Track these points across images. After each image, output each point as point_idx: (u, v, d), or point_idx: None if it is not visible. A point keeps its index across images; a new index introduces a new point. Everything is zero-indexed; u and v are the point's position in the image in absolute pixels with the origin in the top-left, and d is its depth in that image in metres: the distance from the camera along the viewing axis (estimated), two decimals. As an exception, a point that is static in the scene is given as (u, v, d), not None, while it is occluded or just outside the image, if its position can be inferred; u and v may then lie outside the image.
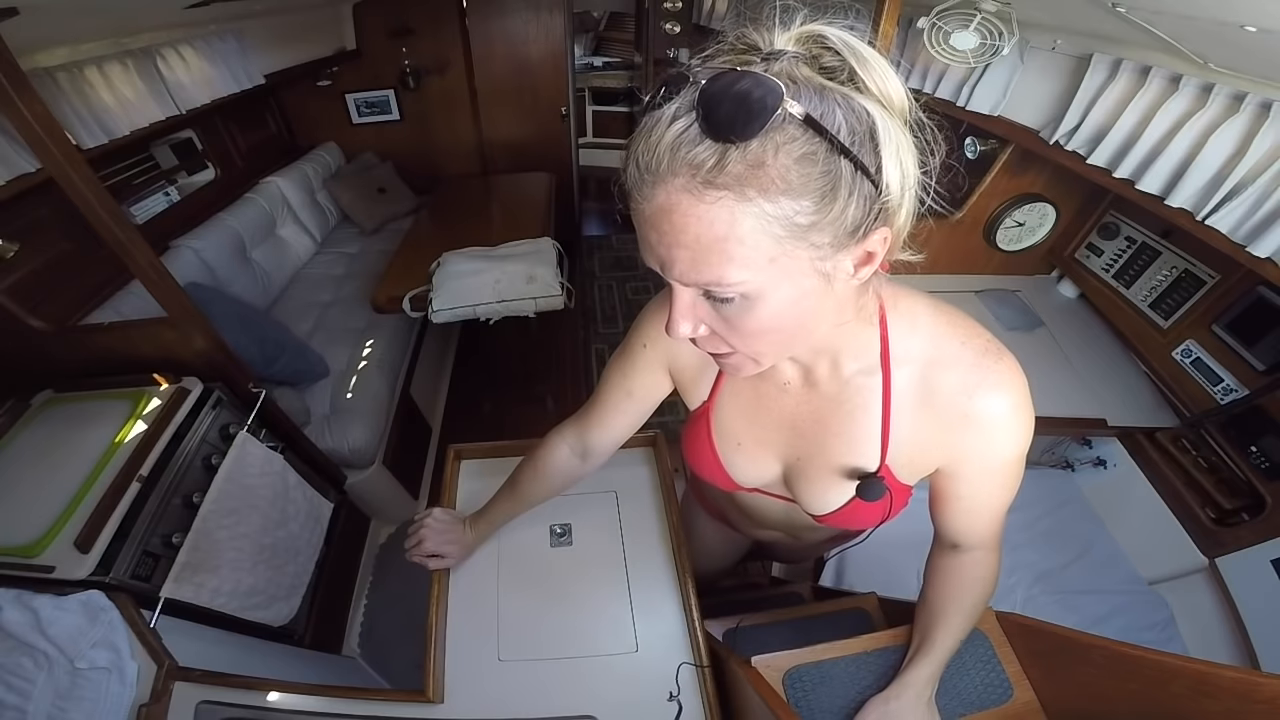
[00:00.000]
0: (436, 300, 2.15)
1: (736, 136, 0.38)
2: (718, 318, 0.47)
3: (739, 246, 0.41)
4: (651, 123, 0.41)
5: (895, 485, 0.65)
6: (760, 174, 0.38)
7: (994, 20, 1.45)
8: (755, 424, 0.71)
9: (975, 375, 0.56)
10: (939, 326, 0.58)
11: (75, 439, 1.27)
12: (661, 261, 0.44)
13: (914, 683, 0.75)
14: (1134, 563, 1.47)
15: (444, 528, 0.97)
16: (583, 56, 5.27)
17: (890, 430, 0.61)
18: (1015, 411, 0.57)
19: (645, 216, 0.43)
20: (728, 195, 0.39)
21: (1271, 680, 0.58)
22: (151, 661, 0.96)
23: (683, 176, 0.39)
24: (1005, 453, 0.60)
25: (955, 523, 0.69)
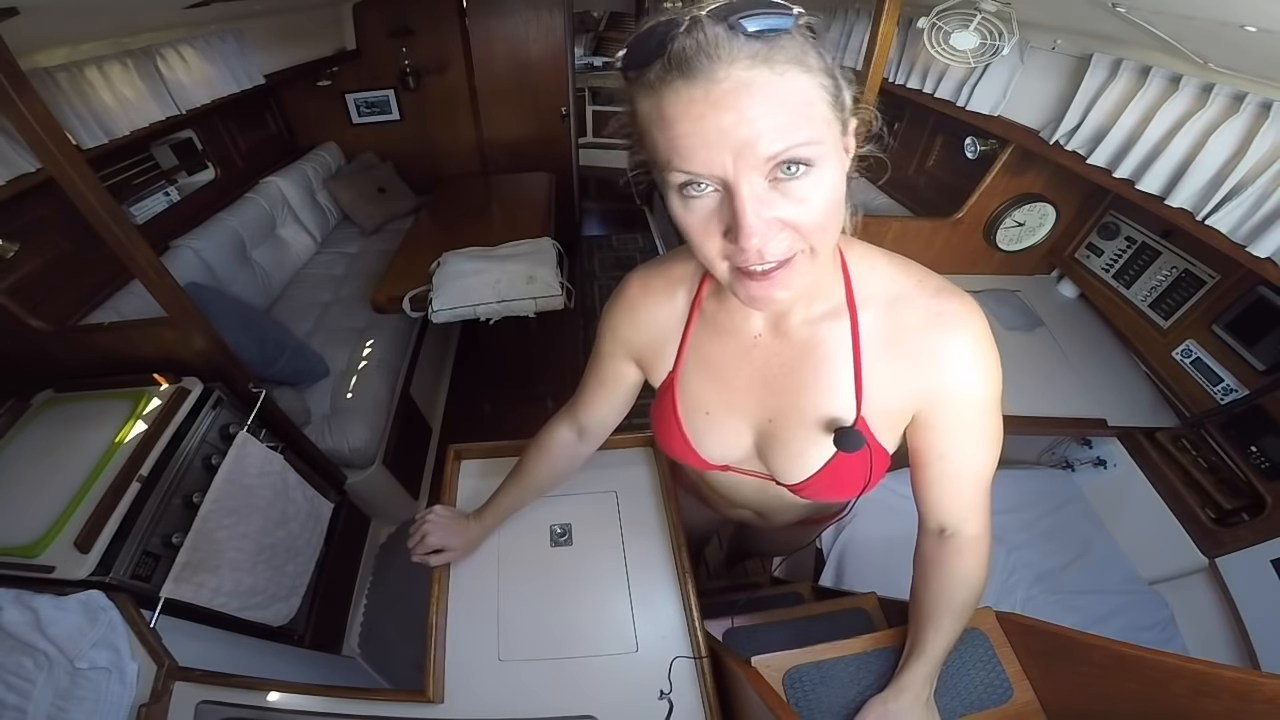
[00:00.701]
0: (436, 300, 2.15)
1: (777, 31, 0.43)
2: (786, 202, 0.46)
3: (811, 109, 0.45)
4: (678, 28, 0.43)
5: (874, 444, 0.65)
6: (804, 53, 0.44)
7: (994, 20, 1.45)
8: (724, 386, 0.71)
9: (935, 306, 0.59)
10: (895, 268, 0.62)
11: (75, 439, 1.27)
12: (740, 143, 0.43)
13: (910, 684, 0.74)
14: (1134, 563, 1.47)
15: (446, 523, 0.97)
16: (583, 56, 5.27)
17: (863, 375, 0.62)
18: (979, 342, 0.59)
19: (712, 101, 0.42)
20: (793, 66, 0.44)
21: (1271, 680, 0.58)
22: (151, 661, 0.96)
23: (745, 57, 0.42)
24: (976, 392, 0.61)
25: (937, 492, 0.68)
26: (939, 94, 1.84)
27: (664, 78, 0.44)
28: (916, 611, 0.76)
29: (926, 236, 1.91)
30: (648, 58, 0.45)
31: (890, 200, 2.46)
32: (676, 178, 0.47)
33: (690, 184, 0.47)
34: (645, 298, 0.73)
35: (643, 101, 0.47)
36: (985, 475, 0.67)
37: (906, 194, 2.44)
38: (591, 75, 5.14)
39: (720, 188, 0.46)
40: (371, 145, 3.49)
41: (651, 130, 0.47)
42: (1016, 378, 1.54)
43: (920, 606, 0.76)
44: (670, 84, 0.44)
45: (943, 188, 2.23)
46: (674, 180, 0.47)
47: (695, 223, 0.49)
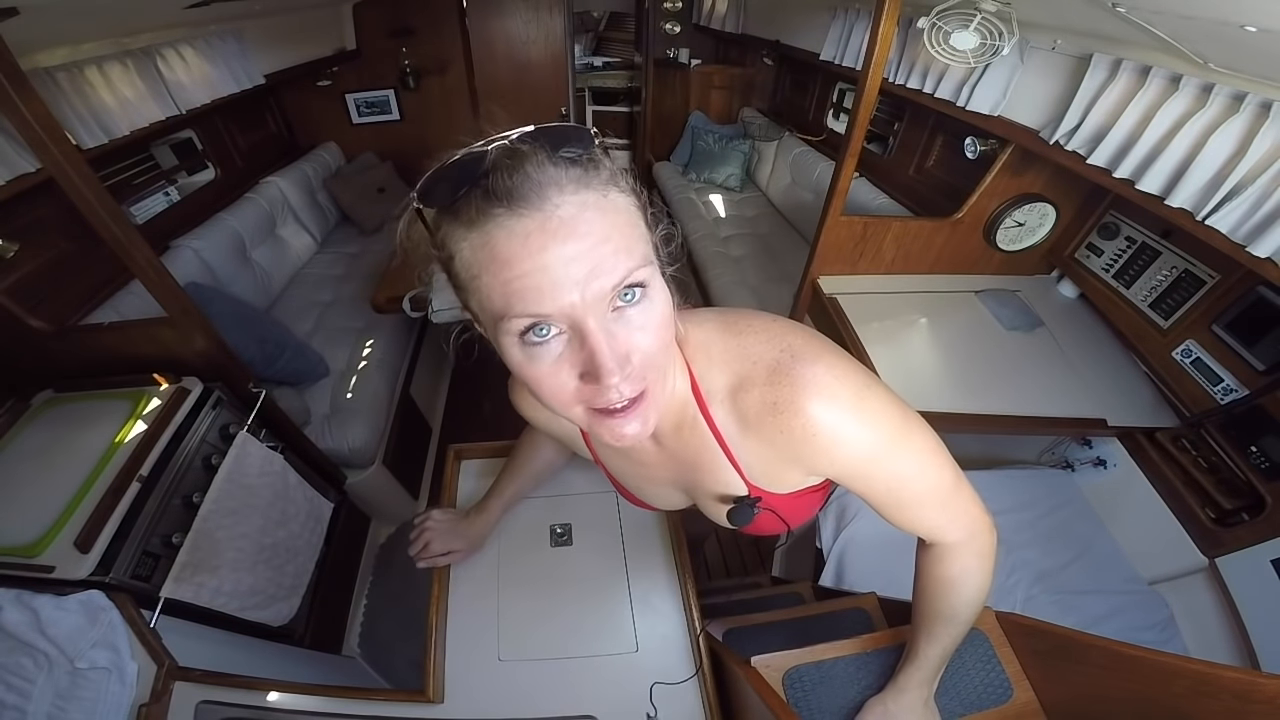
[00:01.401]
0: (437, 300, 2.15)
1: (584, 151, 0.43)
2: (628, 331, 0.45)
3: (635, 229, 0.45)
4: (531, 158, 0.41)
5: (776, 499, 0.66)
6: (616, 174, 0.45)
7: (994, 20, 1.45)
8: (639, 474, 0.75)
9: (772, 392, 0.55)
10: (729, 349, 0.58)
11: (75, 439, 1.27)
12: (586, 275, 0.41)
13: (907, 686, 0.75)
14: (1134, 563, 1.47)
15: (446, 525, 0.98)
16: (583, 56, 5.27)
17: (736, 459, 0.62)
18: (830, 413, 0.54)
19: (550, 230, 0.40)
20: (613, 188, 0.44)
21: (1271, 680, 0.58)
22: (151, 661, 0.96)
23: (570, 182, 0.42)
24: (855, 454, 0.56)
25: (896, 519, 0.66)
26: (939, 94, 1.84)
27: (487, 211, 0.40)
28: (914, 616, 0.77)
29: (926, 236, 1.91)
30: (459, 192, 0.42)
31: (890, 200, 2.46)
32: (517, 324, 0.42)
33: (533, 328, 0.43)
34: (534, 412, 0.77)
35: (463, 243, 0.43)
36: (936, 488, 0.62)
37: (906, 194, 2.44)
38: (591, 75, 5.14)
39: (566, 329, 0.43)
40: (371, 145, 3.49)
41: (481, 275, 0.42)
42: (1016, 378, 1.57)
43: (915, 610, 0.76)
44: (497, 219, 0.40)
45: (943, 188, 2.23)
46: (514, 328, 0.43)
47: (544, 372, 0.45)
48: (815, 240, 1.86)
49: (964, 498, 0.65)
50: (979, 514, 0.66)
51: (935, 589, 0.70)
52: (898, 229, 1.88)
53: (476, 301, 0.45)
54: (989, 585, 0.70)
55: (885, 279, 1.95)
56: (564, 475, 1.13)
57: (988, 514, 0.68)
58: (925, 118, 2.31)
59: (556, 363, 0.45)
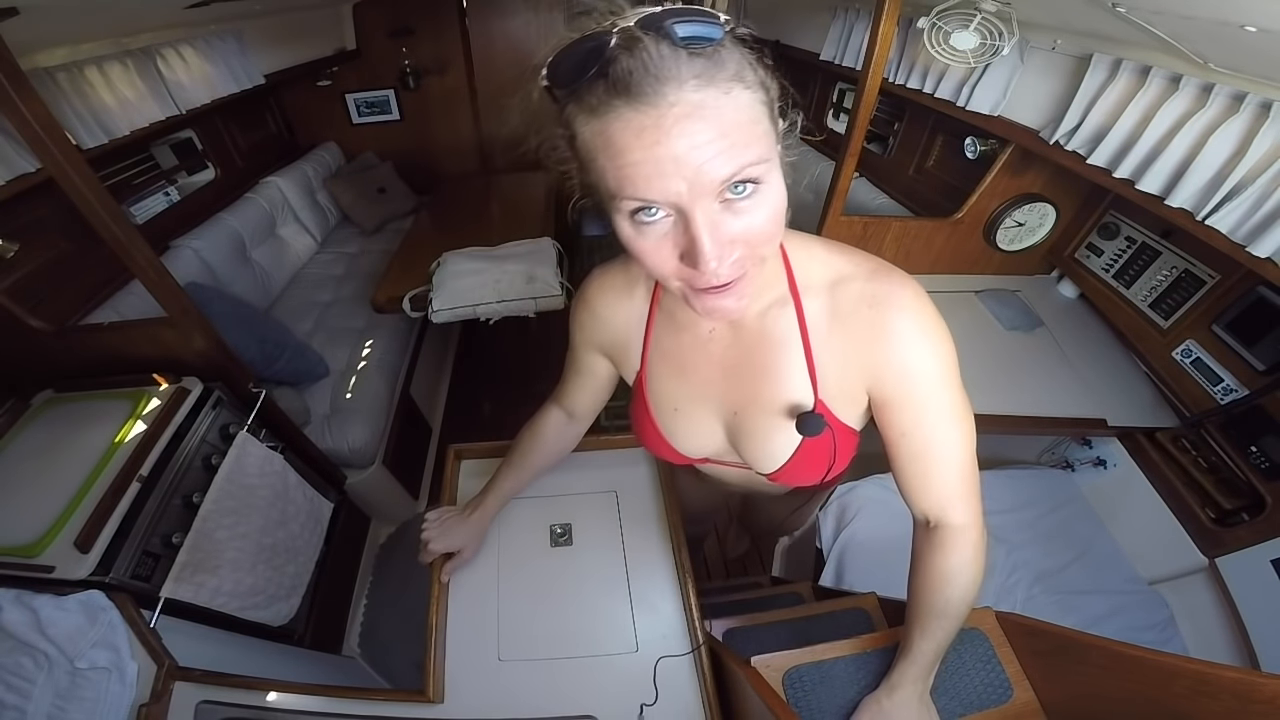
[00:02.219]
0: (436, 300, 2.15)
1: (711, 42, 0.42)
2: (736, 221, 0.47)
3: (756, 125, 0.45)
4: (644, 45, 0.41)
5: (835, 423, 0.67)
6: (742, 67, 0.45)
7: (994, 20, 1.45)
8: (687, 382, 0.74)
9: (870, 286, 0.61)
10: (832, 252, 0.64)
11: (75, 439, 1.27)
12: (695, 169, 0.42)
13: (901, 683, 0.74)
14: (1134, 563, 1.47)
15: (444, 525, 0.98)
16: (583, 56, 5.27)
17: (814, 358, 0.65)
18: (917, 318, 0.60)
19: (664, 127, 0.41)
20: (737, 83, 0.44)
21: (1271, 680, 0.58)
22: (151, 661, 0.96)
23: (691, 78, 0.41)
24: (921, 366, 0.61)
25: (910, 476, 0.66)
26: (939, 94, 1.84)
27: (608, 102, 0.42)
28: (908, 612, 0.76)
29: (926, 236, 1.91)
30: (583, 77, 0.43)
31: (890, 200, 2.46)
32: (628, 204, 0.46)
33: (642, 210, 0.46)
34: (603, 297, 0.76)
35: (583, 127, 0.45)
36: (958, 457, 0.65)
37: (906, 194, 2.44)
38: (591, 75, 5.13)
39: (673, 212, 0.46)
40: (371, 145, 3.49)
41: (597, 158, 0.45)
42: (1016, 378, 1.57)
43: (909, 605, 0.75)
44: (615, 109, 0.42)
45: (943, 188, 2.23)
46: (625, 207, 0.46)
47: (649, 247, 0.49)
48: (815, 240, 1.86)
49: (975, 478, 0.67)
50: (979, 507, 0.68)
51: (932, 582, 0.70)
52: (898, 229, 1.88)
53: (594, 177, 0.48)
54: (980, 582, 0.71)
55: (885, 279, 1.95)
56: (564, 475, 1.13)
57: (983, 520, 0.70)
58: (925, 118, 2.31)
59: (661, 240, 0.48)
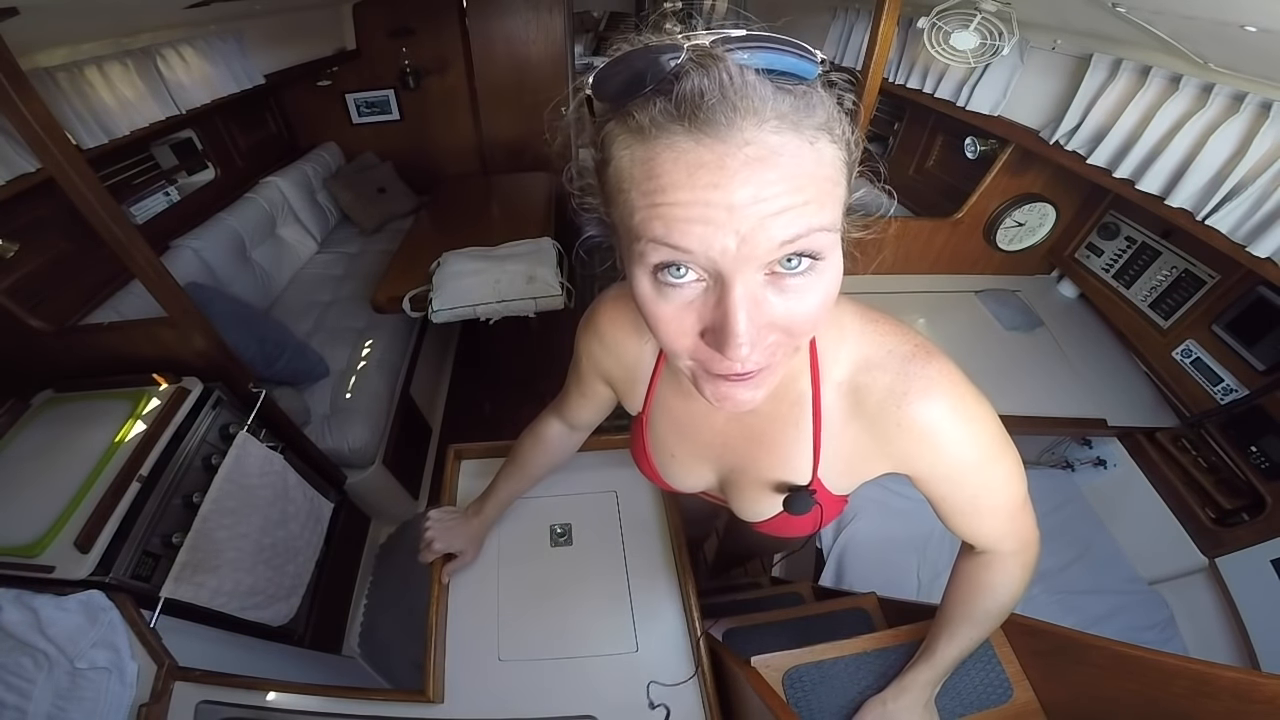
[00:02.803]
0: (436, 300, 2.15)
1: (802, 81, 0.35)
2: (782, 301, 0.39)
3: (835, 188, 0.37)
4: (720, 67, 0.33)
5: (827, 497, 0.64)
6: (832, 118, 0.37)
7: (994, 20, 1.45)
8: (687, 439, 0.70)
9: (903, 381, 0.53)
10: (865, 334, 0.56)
11: (75, 439, 1.27)
12: (752, 226, 0.34)
13: (911, 686, 0.74)
14: (1134, 563, 1.47)
15: (447, 526, 0.98)
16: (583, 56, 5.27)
17: (821, 444, 0.59)
18: (953, 415, 0.53)
19: (730, 169, 0.33)
20: (824, 134, 0.36)
21: (1271, 680, 0.58)
22: (151, 661, 0.96)
23: (775, 117, 0.34)
24: (961, 458, 0.55)
25: (954, 524, 0.64)
26: (939, 94, 1.84)
27: (663, 125, 0.34)
28: (938, 616, 0.75)
29: (926, 236, 1.91)
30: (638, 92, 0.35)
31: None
32: (655, 254, 0.37)
33: (670, 266, 0.37)
34: (614, 331, 0.69)
35: (622, 150, 0.37)
36: (1006, 506, 0.61)
37: (906, 194, 2.44)
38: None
39: (707, 277, 0.38)
40: (371, 145, 3.49)
41: (628, 189, 0.37)
42: (1016, 378, 1.57)
43: (942, 612, 0.74)
44: (670, 135, 0.34)
45: (943, 188, 2.23)
46: (649, 256, 0.37)
47: (668, 314, 0.40)
48: (815, 240, 1.86)
49: (1027, 508, 0.64)
50: (1034, 529, 0.66)
51: (972, 591, 0.70)
52: (898, 229, 1.88)
53: (618, 214, 0.39)
54: (1021, 598, 0.70)
55: (885, 279, 1.95)
56: (564, 475, 1.13)
57: (1038, 529, 0.67)
58: (925, 118, 2.31)
59: (684, 308, 0.39)
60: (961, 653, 0.72)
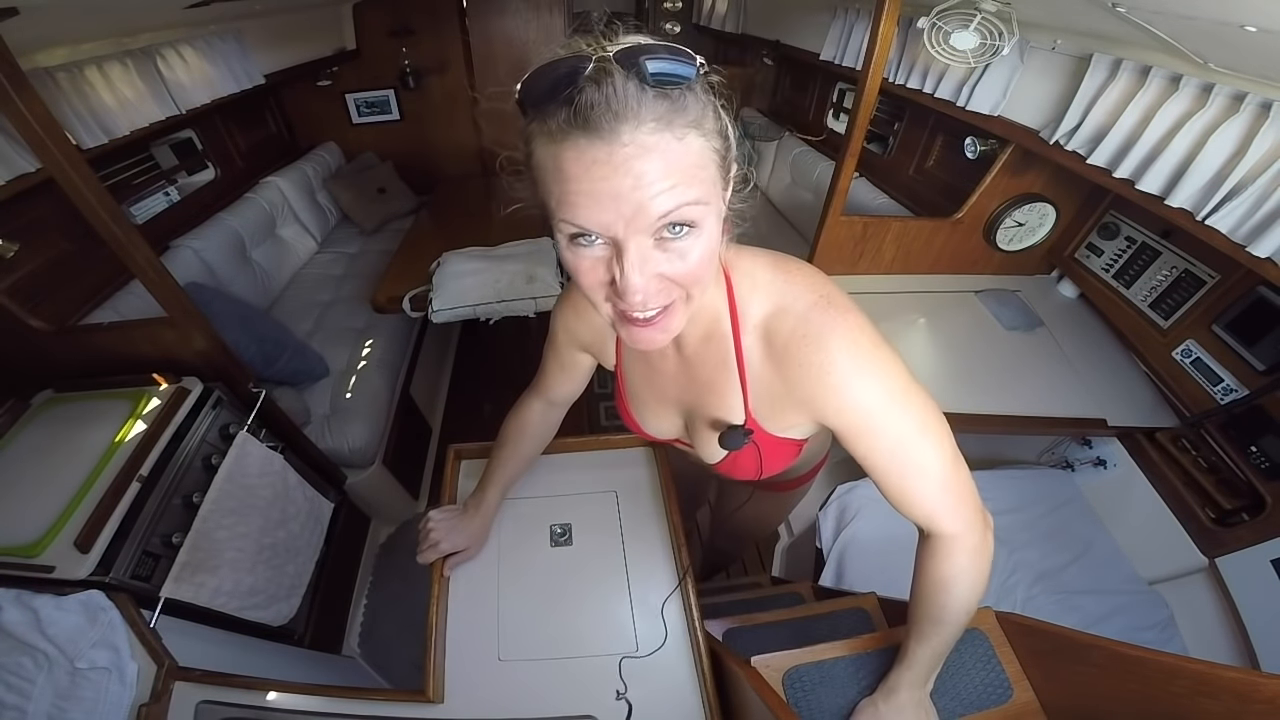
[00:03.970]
0: (436, 300, 2.15)
1: (681, 82, 0.44)
2: (667, 259, 0.49)
3: (702, 171, 0.47)
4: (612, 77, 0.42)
5: (765, 438, 0.72)
6: (704, 114, 0.46)
7: (994, 20, 1.45)
8: (652, 385, 0.81)
9: (803, 324, 0.60)
10: (776, 283, 0.63)
11: (75, 439, 1.27)
12: (635, 207, 0.44)
13: (898, 686, 0.74)
14: (1134, 563, 1.47)
15: (450, 524, 0.98)
16: (583, 56, 5.26)
17: (749, 385, 0.68)
18: (850, 357, 0.58)
19: (614, 164, 0.43)
20: (694, 129, 0.45)
21: (1271, 680, 0.58)
22: (151, 661, 0.96)
23: (651, 119, 0.43)
24: (863, 403, 0.59)
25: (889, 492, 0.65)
26: (939, 94, 1.84)
27: (566, 131, 0.43)
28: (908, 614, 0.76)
29: (926, 236, 1.91)
30: (550, 101, 0.44)
31: (890, 200, 2.46)
32: (566, 229, 0.48)
33: (580, 236, 0.48)
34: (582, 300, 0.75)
35: (540, 148, 0.47)
36: (934, 470, 0.62)
37: (906, 194, 2.44)
38: (591, 75, 5.13)
39: (609, 243, 0.48)
40: (371, 145, 3.49)
41: (546, 178, 0.47)
42: (1016, 378, 1.57)
43: (909, 610, 0.75)
44: (572, 139, 0.43)
45: (943, 188, 2.23)
46: (565, 230, 0.48)
47: (583, 267, 0.51)
48: (815, 240, 1.86)
49: (963, 484, 0.65)
50: (976, 508, 0.66)
51: (928, 588, 0.70)
52: (898, 229, 1.89)
53: (541, 194, 0.50)
54: (982, 589, 0.69)
55: (885, 279, 1.95)
56: (564, 475, 1.13)
57: (986, 513, 0.67)
58: (925, 118, 2.31)
59: (595, 263, 0.50)
60: (935, 651, 0.72)
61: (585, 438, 1.18)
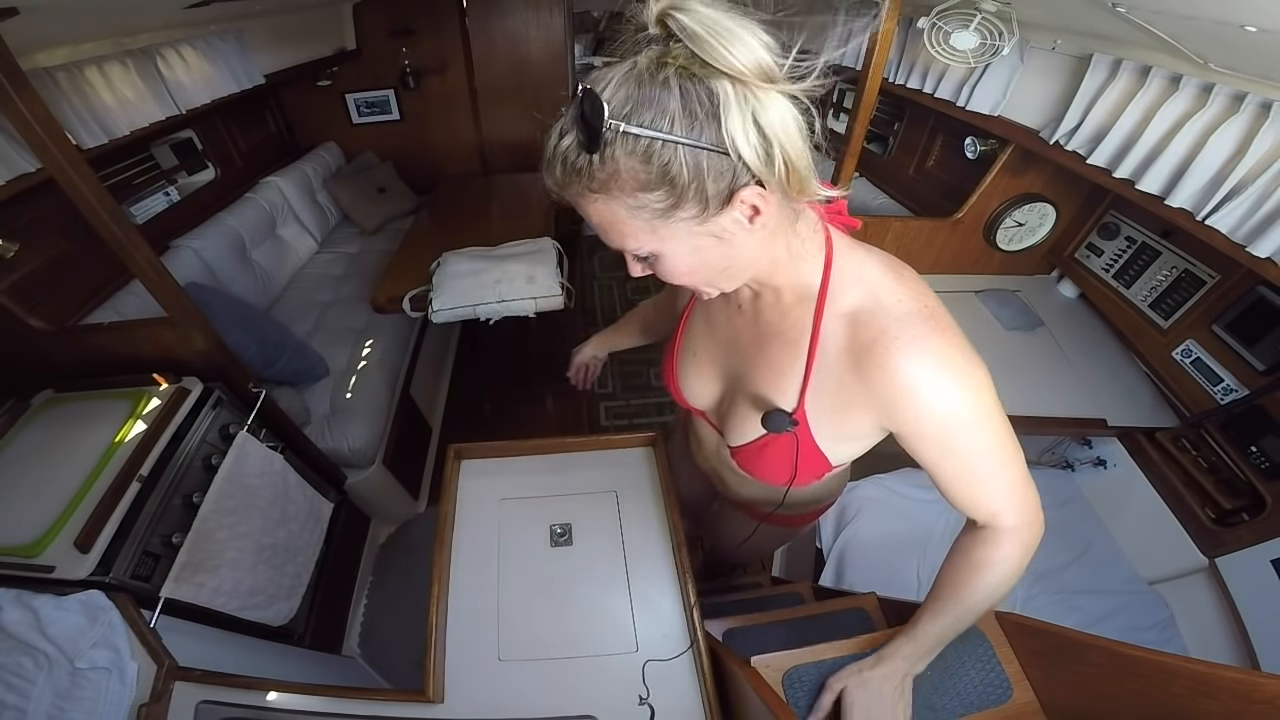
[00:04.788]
0: (436, 300, 2.15)
1: (590, 152, 0.48)
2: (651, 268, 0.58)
3: (625, 226, 0.52)
4: (552, 136, 0.51)
5: (806, 437, 0.69)
6: (616, 178, 0.49)
7: (994, 20, 1.45)
8: (709, 337, 0.81)
9: (898, 327, 0.58)
10: (884, 281, 0.62)
11: (75, 439, 1.27)
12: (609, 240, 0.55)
13: (890, 657, 0.73)
14: (1134, 563, 1.47)
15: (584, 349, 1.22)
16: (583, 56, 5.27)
17: (813, 368, 0.65)
18: (940, 371, 0.57)
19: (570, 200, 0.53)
20: (601, 195, 0.50)
21: (1271, 680, 0.58)
22: (151, 661, 0.96)
23: (573, 185, 0.51)
24: (944, 416, 0.59)
25: (950, 493, 0.66)
26: (939, 94, 1.84)
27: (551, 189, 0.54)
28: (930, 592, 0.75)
29: (926, 236, 1.91)
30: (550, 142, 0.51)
31: (890, 200, 2.46)
32: None
33: None
34: None
35: None
36: (1001, 477, 0.64)
37: (906, 194, 2.44)
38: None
39: None
40: (371, 145, 3.49)
41: None
42: (1016, 378, 1.57)
43: (933, 587, 0.74)
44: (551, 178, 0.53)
45: (943, 188, 2.23)
46: None
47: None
48: (815, 240, 1.86)
49: (1031, 491, 0.66)
50: (1037, 510, 0.67)
51: (964, 566, 0.70)
52: (898, 229, 1.89)
53: None
54: (1011, 586, 0.69)
55: (885, 279, 1.95)
56: (564, 475, 1.13)
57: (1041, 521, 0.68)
58: (925, 118, 2.31)
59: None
60: (942, 632, 0.72)
61: (585, 438, 1.19)
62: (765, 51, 0.45)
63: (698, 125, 0.46)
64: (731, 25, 0.44)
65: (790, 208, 0.57)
